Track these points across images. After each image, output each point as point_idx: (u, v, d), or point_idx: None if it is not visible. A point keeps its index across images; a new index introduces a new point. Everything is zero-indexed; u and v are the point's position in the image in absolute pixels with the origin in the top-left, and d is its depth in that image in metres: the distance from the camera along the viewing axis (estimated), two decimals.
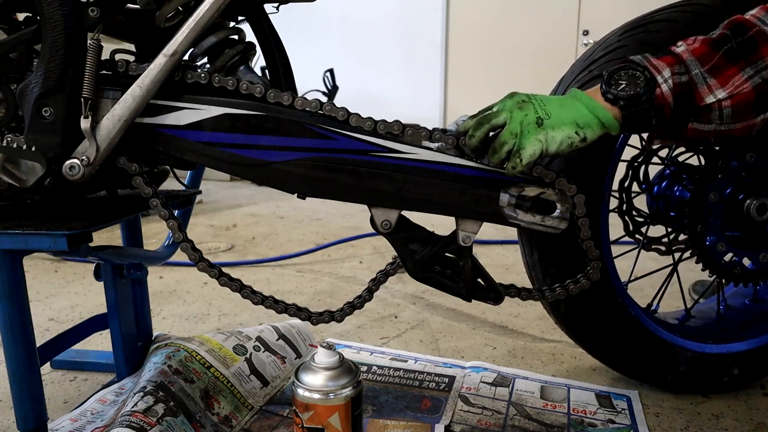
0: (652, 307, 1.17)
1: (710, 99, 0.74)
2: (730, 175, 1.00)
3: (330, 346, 0.82)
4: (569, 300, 1.02)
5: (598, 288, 1.00)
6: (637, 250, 1.15)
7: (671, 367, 1.07)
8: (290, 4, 0.94)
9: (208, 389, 1.00)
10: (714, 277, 1.06)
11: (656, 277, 1.21)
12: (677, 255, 1.11)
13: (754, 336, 1.11)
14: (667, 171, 1.12)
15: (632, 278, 1.16)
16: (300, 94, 0.80)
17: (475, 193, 0.81)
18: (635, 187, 1.14)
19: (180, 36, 0.75)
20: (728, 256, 1.03)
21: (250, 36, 0.90)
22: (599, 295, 1.02)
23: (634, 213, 1.13)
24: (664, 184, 1.13)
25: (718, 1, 0.96)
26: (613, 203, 1.10)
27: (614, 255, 1.07)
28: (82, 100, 0.74)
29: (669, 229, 1.12)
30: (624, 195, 1.13)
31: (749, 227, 1.05)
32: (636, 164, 1.12)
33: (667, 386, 1.10)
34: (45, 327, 1.44)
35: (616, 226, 1.10)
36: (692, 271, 1.06)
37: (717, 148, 1.01)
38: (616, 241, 1.08)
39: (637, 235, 1.15)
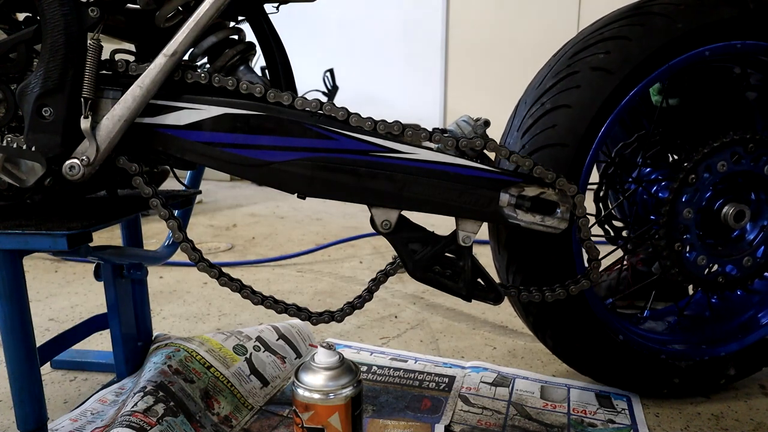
0: (644, 313, 1.16)
1: None
2: (703, 187, 0.96)
3: (330, 346, 0.82)
4: (553, 331, 1.01)
5: (581, 319, 0.98)
6: (622, 258, 1.15)
7: (666, 382, 1.06)
8: (290, 4, 0.94)
9: (208, 389, 1.00)
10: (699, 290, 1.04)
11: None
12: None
13: (749, 332, 1.10)
14: (645, 170, 1.12)
15: (616, 296, 1.16)
16: (300, 94, 0.80)
17: (475, 193, 0.81)
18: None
19: (180, 36, 0.75)
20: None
21: (250, 36, 0.90)
22: (583, 326, 0.99)
23: (612, 221, 1.14)
24: (640, 189, 1.12)
25: (670, 8, 0.91)
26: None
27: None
28: (82, 100, 0.74)
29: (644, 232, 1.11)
30: (601, 204, 1.13)
31: (729, 234, 1.03)
32: (609, 173, 1.12)
33: (663, 397, 1.09)
34: (45, 327, 1.44)
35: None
36: None
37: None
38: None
39: (619, 241, 1.15)
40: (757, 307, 1.14)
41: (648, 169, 1.13)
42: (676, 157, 1.15)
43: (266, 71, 0.93)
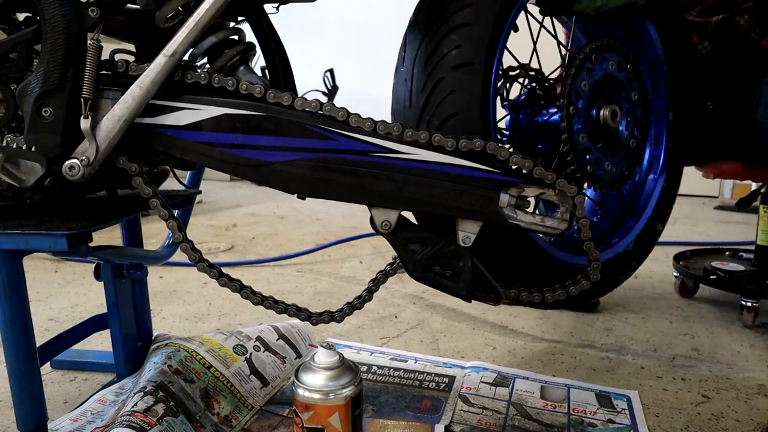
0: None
1: None
2: None
3: (330, 346, 0.82)
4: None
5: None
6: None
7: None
8: (290, 4, 0.94)
9: (208, 389, 1.00)
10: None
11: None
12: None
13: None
14: (523, 97, 1.17)
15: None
16: (300, 94, 0.80)
17: (475, 194, 0.81)
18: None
19: (180, 36, 0.75)
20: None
21: (250, 36, 0.90)
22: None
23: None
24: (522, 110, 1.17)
25: None
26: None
27: None
28: (82, 100, 0.74)
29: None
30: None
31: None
32: (500, 85, 1.15)
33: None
34: (45, 327, 1.45)
35: None
36: None
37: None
38: None
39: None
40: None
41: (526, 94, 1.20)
42: None
43: (266, 71, 0.93)
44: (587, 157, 1.05)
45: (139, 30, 0.87)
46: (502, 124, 1.17)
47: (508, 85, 1.20)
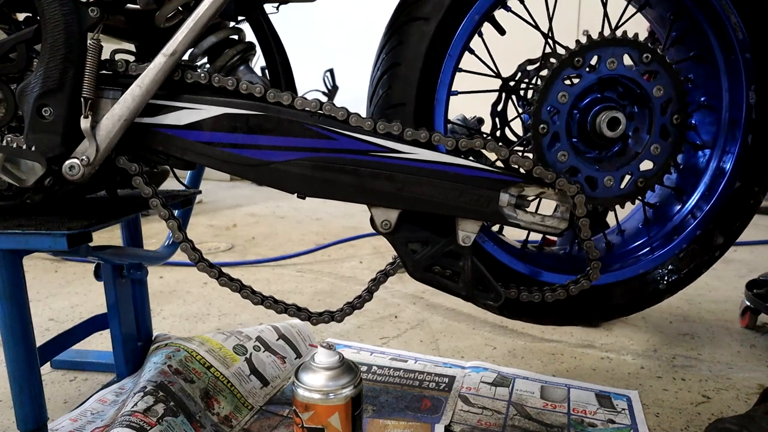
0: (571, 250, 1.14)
1: None
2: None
3: (330, 346, 0.82)
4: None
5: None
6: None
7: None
8: (290, 4, 0.94)
9: (208, 389, 1.00)
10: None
11: None
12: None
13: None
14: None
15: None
16: (300, 94, 0.80)
17: (475, 193, 0.81)
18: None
19: (180, 36, 0.75)
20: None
21: (250, 36, 0.90)
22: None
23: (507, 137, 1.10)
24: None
25: None
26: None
27: None
28: (82, 99, 0.74)
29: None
30: (498, 120, 1.09)
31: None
32: (510, 87, 1.08)
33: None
34: (45, 327, 1.45)
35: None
36: None
37: None
38: None
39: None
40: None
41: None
42: None
43: (266, 71, 0.93)
44: (576, 176, 0.89)
45: (139, 30, 0.87)
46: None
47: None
